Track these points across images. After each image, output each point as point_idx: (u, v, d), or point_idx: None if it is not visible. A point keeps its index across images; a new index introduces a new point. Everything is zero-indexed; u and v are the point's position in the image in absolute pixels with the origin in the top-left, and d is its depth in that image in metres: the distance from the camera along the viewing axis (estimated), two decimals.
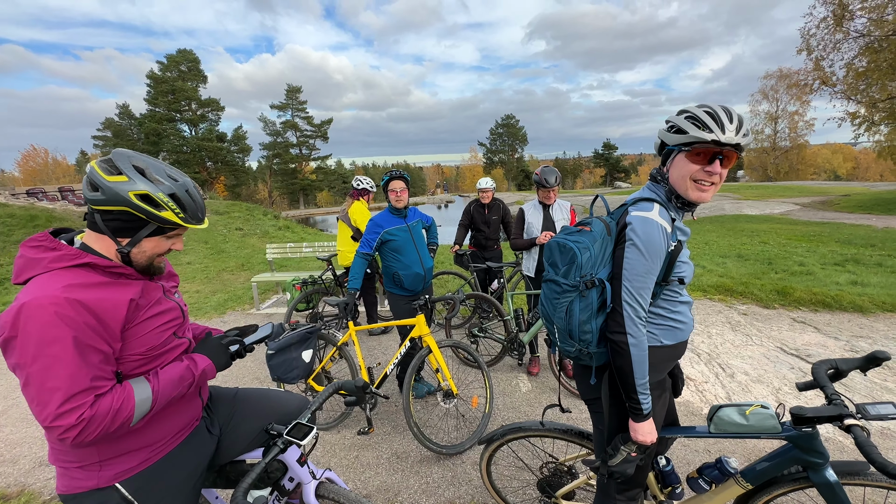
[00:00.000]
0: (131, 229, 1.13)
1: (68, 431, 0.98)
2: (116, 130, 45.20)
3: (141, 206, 1.09)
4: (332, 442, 2.90)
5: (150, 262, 1.19)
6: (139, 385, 1.12)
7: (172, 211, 1.13)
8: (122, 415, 1.06)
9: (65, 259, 1.07)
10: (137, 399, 1.09)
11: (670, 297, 1.37)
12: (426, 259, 3.20)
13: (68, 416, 0.98)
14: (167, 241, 1.21)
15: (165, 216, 1.13)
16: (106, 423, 1.03)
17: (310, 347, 2.81)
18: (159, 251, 1.20)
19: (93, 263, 1.09)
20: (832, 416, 1.20)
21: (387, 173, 3.14)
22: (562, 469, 1.98)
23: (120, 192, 1.07)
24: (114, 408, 1.04)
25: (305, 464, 1.38)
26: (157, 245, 1.18)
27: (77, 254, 1.08)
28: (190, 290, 7.64)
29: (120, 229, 1.12)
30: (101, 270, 1.10)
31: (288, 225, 16.21)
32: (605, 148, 67.64)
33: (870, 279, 5.76)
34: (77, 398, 0.99)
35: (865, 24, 14.46)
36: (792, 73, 37.58)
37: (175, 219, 1.14)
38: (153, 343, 1.17)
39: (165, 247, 1.21)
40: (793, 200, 18.35)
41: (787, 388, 3.26)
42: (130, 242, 1.14)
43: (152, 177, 1.12)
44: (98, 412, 1.02)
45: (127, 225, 1.12)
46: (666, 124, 1.34)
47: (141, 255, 1.17)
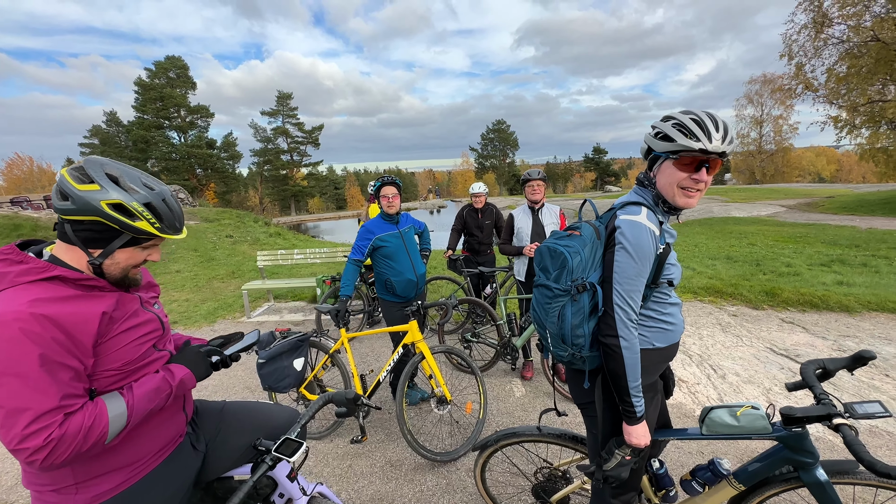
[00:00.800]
0: (103, 240, 1.08)
1: (36, 454, 0.93)
2: (104, 138, 44.61)
3: (114, 216, 1.04)
4: (324, 451, 2.86)
5: (124, 274, 1.14)
6: (112, 400, 1.06)
7: (147, 221, 1.08)
8: (95, 432, 1.00)
9: (32, 273, 1.02)
10: (111, 415, 1.04)
11: (660, 300, 1.38)
12: (418, 265, 3.19)
13: (35, 438, 0.92)
14: (142, 251, 1.15)
15: (140, 226, 1.08)
16: (77, 442, 0.97)
17: (301, 356, 2.79)
18: (134, 263, 1.14)
19: (62, 276, 1.03)
20: (821, 415, 1.21)
21: (378, 179, 3.12)
22: (556, 474, 1.97)
23: (91, 202, 1.02)
24: (85, 425, 0.98)
25: (296, 479, 1.35)
26: (131, 256, 1.13)
27: (45, 266, 1.03)
28: (179, 298, 7.53)
29: (91, 240, 1.07)
30: (72, 283, 1.05)
31: (279, 232, 16.11)
32: (595, 152, 68.41)
33: (855, 279, 5.87)
34: (44, 418, 0.94)
35: (844, 31, 14.85)
36: (776, 78, 38.52)
37: (150, 229, 1.09)
38: (129, 357, 1.12)
39: (141, 258, 1.16)
40: (779, 202, 18.70)
41: (778, 389, 3.29)
42: (103, 254, 1.08)
43: (126, 185, 1.07)
44: (68, 431, 0.96)
45: (99, 235, 1.07)
46: (652, 130, 1.35)
47: (114, 266, 1.11)
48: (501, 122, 66.84)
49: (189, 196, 21.26)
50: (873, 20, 13.78)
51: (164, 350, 1.25)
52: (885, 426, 2.77)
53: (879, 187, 24.28)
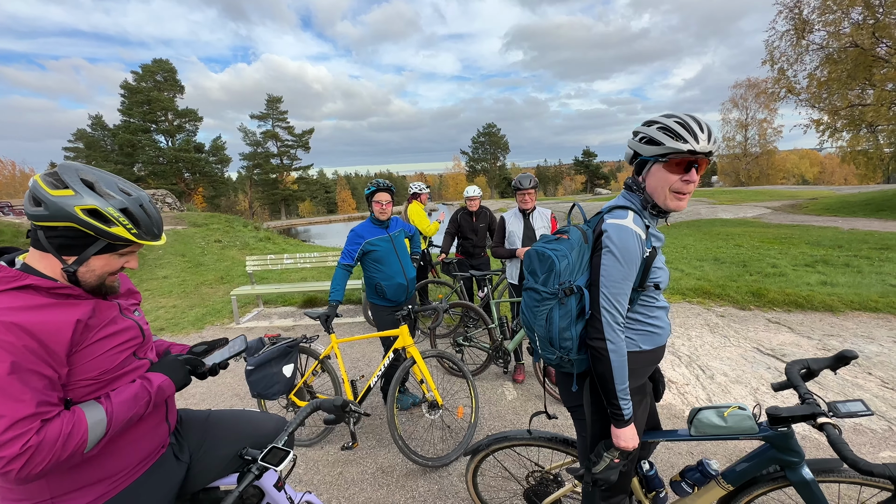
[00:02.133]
0: (78, 246, 1.05)
1: (12, 462, 0.90)
2: (89, 142, 43.80)
3: (88, 222, 1.01)
4: (315, 459, 2.82)
5: (100, 281, 1.11)
6: (90, 408, 1.04)
7: (124, 227, 1.06)
8: (74, 440, 0.97)
9: (2, 282, 0.99)
10: (90, 422, 1.01)
11: (647, 303, 1.39)
12: (409, 269, 3.17)
13: (11, 446, 0.90)
14: (119, 258, 1.12)
15: (116, 232, 1.05)
16: (56, 451, 0.94)
17: (291, 362, 2.75)
18: (110, 270, 1.12)
19: (34, 285, 1.01)
20: (805, 415, 1.23)
21: (372, 184, 3.08)
22: (548, 478, 1.97)
23: (64, 207, 0.99)
24: (63, 433, 0.95)
25: (283, 489, 1.33)
26: (107, 263, 1.10)
27: (16, 275, 1.00)
28: (167, 304, 7.41)
29: (65, 246, 1.04)
30: (44, 292, 1.02)
31: (269, 236, 15.95)
32: (584, 155, 69.08)
33: (838, 279, 5.99)
34: (20, 425, 0.91)
35: (824, 37, 15.25)
36: (760, 82, 39.34)
37: (127, 235, 1.07)
38: (107, 366, 1.09)
39: (117, 265, 1.13)
40: (764, 204, 19.06)
41: (765, 389, 3.34)
42: (77, 261, 1.06)
43: (102, 190, 1.05)
44: (45, 439, 0.93)
45: (73, 242, 1.04)
46: (635, 136, 1.37)
47: (89, 274, 1.08)
48: (492, 125, 67.19)
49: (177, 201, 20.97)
50: (851, 27, 14.16)
51: (144, 359, 1.22)
52: (868, 424, 2.82)
53: (861, 189, 24.90)
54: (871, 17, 13.71)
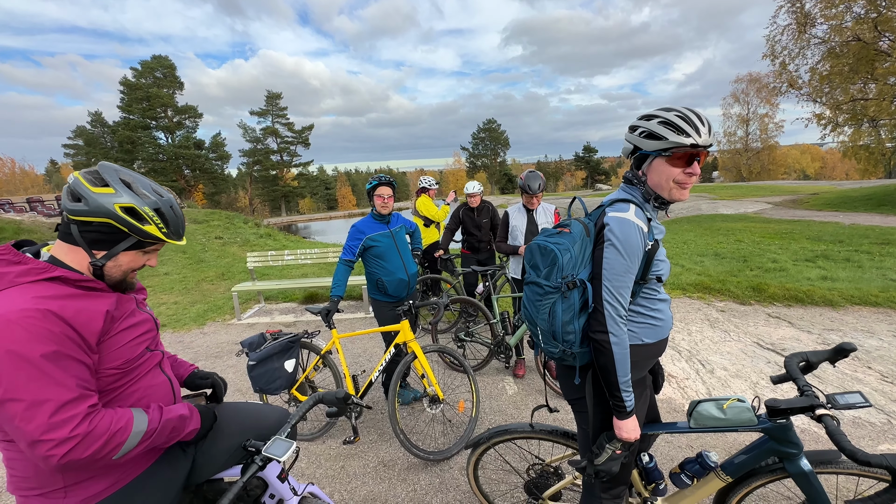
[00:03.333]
0: (109, 242, 1.10)
1: (59, 446, 0.93)
2: (88, 139, 43.75)
3: (125, 219, 1.07)
4: (316, 452, 2.84)
5: (123, 276, 1.16)
6: (138, 415, 1.10)
7: (156, 225, 1.12)
8: (116, 441, 1.02)
9: (32, 273, 1.02)
10: (134, 430, 1.06)
11: (649, 296, 1.39)
12: (410, 265, 3.17)
13: (60, 429, 0.93)
14: (143, 256, 1.18)
15: (148, 230, 1.11)
16: (100, 444, 0.98)
17: (292, 357, 2.77)
18: (135, 266, 1.17)
19: (63, 277, 1.04)
20: (804, 406, 1.24)
21: (374, 178, 3.07)
22: (548, 470, 1.99)
23: (105, 204, 1.05)
24: (111, 429, 1.00)
25: (286, 480, 1.34)
26: (133, 260, 1.16)
27: (45, 267, 1.04)
28: (168, 301, 7.42)
29: (97, 241, 1.09)
30: (72, 284, 1.06)
31: (269, 233, 15.95)
32: (585, 151, 68.96)
33: (838, 274, 6.00)
34: (68, 408, 0.95)
35: (826, 31, 15.14)
36: (761, 76, 39.14)
37: (158, 233, 1.13)
38: (128, 356, 1.13)
39: (141, 262, 1.18)
40: (765, 199, 19.01)
41: (765, 382, 3.35)
42: (107, 255, 1.11)
43: (139, 191, 1.11)
44: (96, 429, 0.98)
45: (105, 237, 1.09)
46: (633, 130, 1.36)
47: (116, 269, 1.14)
48: (492, 121, 66.96)
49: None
50: (853, 21, 14.07)
51: (156, 350, 1.27)
52: (868, 417, 2.84)
53: (862, 184, 24.82)
54: (873, 10, 13.61)
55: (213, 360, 4.59)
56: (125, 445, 1.04)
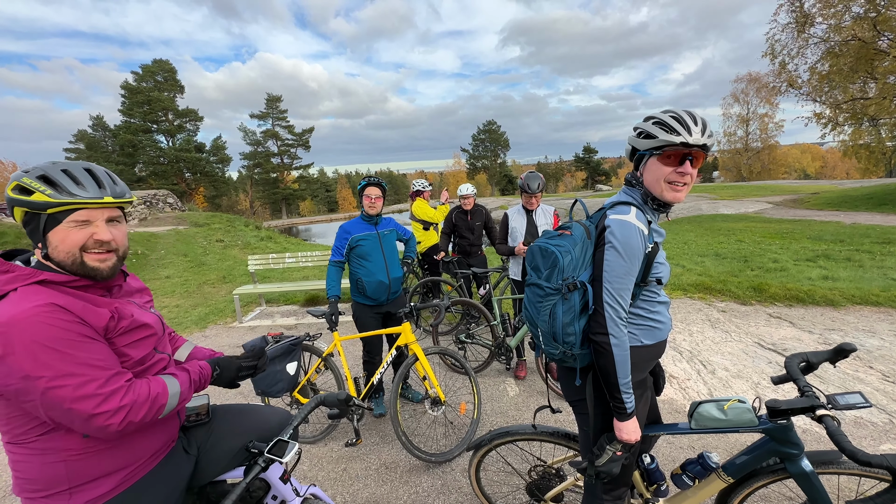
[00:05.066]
0: (35, 230, 1.08)
1: (114, 415, 1.00)
2: (90, 142, 43.83)
3: (15, 198, 1.05)
4: (319, 455, 2.85)
5: (72, 259, 1.07)
6: (169, 380, 1.17)
7: (39, 192, 1.04)
8: (159, 403, 1.09)
9: (19, 279, 1.03)
10: (171, 391, 1.14)
11: (649, 298, 1.40)
12: (393, 269, 3.12)
13: (111, 400, 1.00)
14: (77, 229, 1.07)
15: (36, 199, 1.04)
16: (146, 408, 1.06)
17: (294, 360, 2.77)
18: (72, 243, 1.07)
19: (48, 280, 1.05)
20: (804, 407, 1.25)
21: (364, 178, 3.10)
22: (550, 472, 1.99)
23: (6, 193, 1.07)
24: (152, 394, 1.08)
25: (289, 481, 1.35)
26: (64, 237, 1.06)
27: (31, 272, 1.04)
28: (170, 304, 7.44)
29: (31, 233, 1.09)
30: (60, 286, 1.07)
31: (270, 235, 15.97)
32: (585, 151, 68.92)
33: (839, 273, 5.99)
34: (112, 381, 1.02)
35: (825, 30, 15.16)
36: (761, 76, 39.10)
37: (44, 198, 1.04)
38: (134, 356, 1.15)
39: (79, 237, 1.07)
40: (766, 199, 18.98)
41: (766, 383, 3.35)
42: (40, 243, 1.08)
43: (30, 169, 1.08)
44: (139, 397, 1.05)
45: (30, 227, 1.08)
46: (634, 131, 1.38)
47: (55, 252, 1.07)
48: (492, 122, 67.00)
49: (178, 200, 20.99)
50: (853, 20, 14.08)
51: (163, 353, 1.27)
52: (869, 417, 2.83)
53: (862, 183, 24.76)
54: (872, 10, 13.61)
55: None
56: (167, 406, 1.13)
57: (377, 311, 3.12)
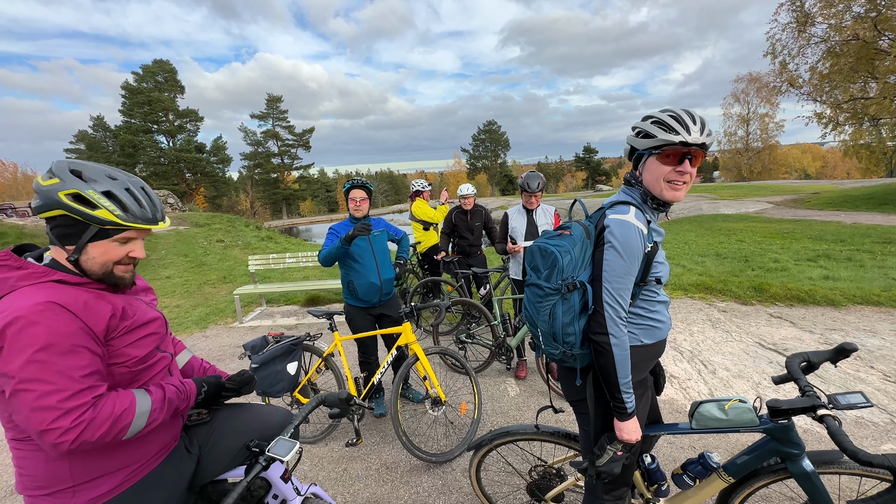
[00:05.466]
0: (74, 235, 1.08)
1: (66, 434, 0.96)
2: (90, 143, 43.92)
3: (74, 207, 1.04)
4: (319, 455, 2.85)
5: (103, 270, 1.11)
6: (141, 396, 1.11)
7: (107, 209, 1.06)
8: (122, 422, 1.04)
9: (32, 277, 1.04)
10: (138, 410, 1.08)
11: (648, 298, 1.40)
12: (385, 270, 3.10)
13: (66, 417, 0.96)
14: (120, 246, 1.12)
15: (100, 215, 1.06)
16: (106, 428, 1.01)
17: (295, 360, 2.77)
18: (110, 258, 1.11)
19: (63, 280, 1.06)
20: (805, 407, 1.24)
21: (348, 181, 3.08)
22: (550, 472, 1.99)
23: (51, 193, 1.04)
24: (115, 413, 1.03)
25: (290, 480, 1.35)
26: (106, 251, 1.10)
27: (45, 271, 1.05)
28: (170, 304, 7.44)
29: (66, 236, 1.08)
30: (73, 286, 1.07)
31: (270, 235, 15.98)
32: (585, 152, 68.91)
33: (840, 273, 5.98)
34: (76, 398, 0.98)
35: (826, 30, 15.14)
36: (761, 76, 39.07)
37: (112, 217, 1.07)
38: (137, 354, 1.15)
39: (118, 252, 1.12)
40: (766, 199, 18.96)
41: (767, 383, 3.35)
42: (76, 249, 1.08)
43: (87, 177, 1.08)
44: (99, 415, 1.00)
45: (71, 231, 1.07)
46: (633, 130, 1.39)
47: (90, 262, 1.09)
48: (493, 122, 66.99)
49: (178, 201, 21.04)
50: (853, 20, 14.06)
51: (165, 352, 1.28)
52: (870, 417, 2.83)
53: (863, 183, 24.72)
54: (872, 9, 13.61)
55: (216, 363, 4.60)
56: (132, 426, 1.07)
57: (370, 313, 3.11)
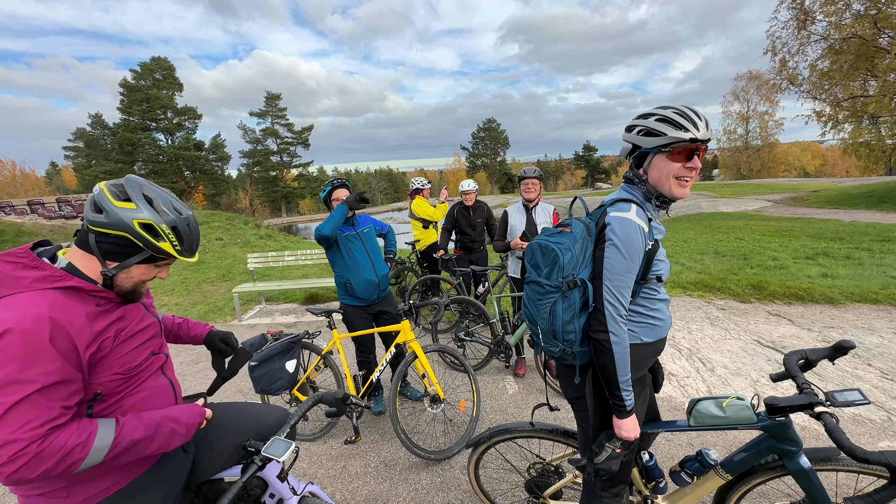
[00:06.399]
0: (123, 254, 1.12)
1: (4, 466, 0.90)
2: (89, 141, 43.84)
3: (141, 235, 1.09)
4: (318, 453, 2.85)
5: (133, 287, 1.18)
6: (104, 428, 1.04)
7: (171, 242, 1.14)
8: (72, 458, 0.97)
9: (48, 280, 1.03)
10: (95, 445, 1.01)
11: (649, 295, 1.40)
12: (380, 266, 3.09)
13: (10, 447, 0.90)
14: (155, 269, 1.20)
15: (163, 247, 1.13)
16: (51, 463, 0.94)
17: (293, 357, 2.77)
18: (146, 278, 1.19)
19: (78, 287, 1.06)
20: (803, 404, 1.24)
21: (328, 182, 3.05)
22: (549, 469, 1.99)
23: (125, 219, 1.07)
24: (66, 447, 0.95)
25: (286, 479, 1.35)
26: (145, 272, 1.18)
27: (62, 275, 1.05)
28: (169, 302, 7.44)
29: (111, 252, 1.11)
30: (86, 294, 1.08)
31: (270, 234, 15.95)
32: (585, 150, 68.89)
33: (839, 271, 5.99)
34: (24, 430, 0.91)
35: (826, 28, 15.13)
36: (761, 74, 39.07)
37: (171, 250, 1.15)
38: (133, 362, 1.16)
39: (152, 275, 1.21)
40: (766, 197, 18.99)
41: (765, 380, 3.35)
42: (119, 266, 1.12)
43: (159, 207, 1.13)
44: (47, 449, 0.93)
45: (120, 250, 1.11)
46: (630, 130, 1.38)
47: (127, 280, 1.15)
48: (492, 120, 66.95)
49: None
50: (853, 17, 14.04)
51: (160, 353, 1.29)
52: (868, 414, 2.84)
53: (862, 181, 24.77)
54: (872, 7, 13.59)
55: None
56: (85, 461, 0.99)
57: (368, 312, 3.10)
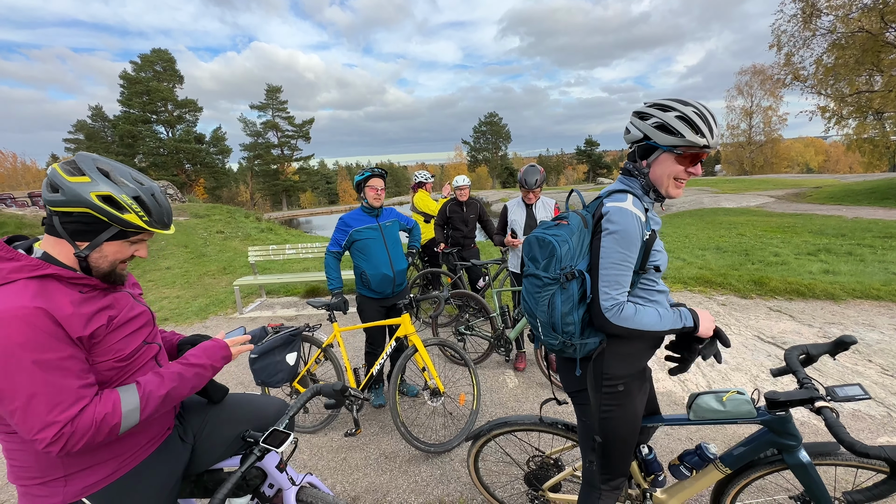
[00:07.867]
0: (91, 232, 1.08)
1: (51, 445, 0.96)
2: (89, 133, 43.68)
3: (102, 208, 1.05)
4: (318, 444, 2.86)
5: (111, 268, 1.14)
6: (126, 394, 1.09)
7: (136, 213, 1.10)
8: (108, 424, 1.03)
9: (25, 270, 1.01)
10: (125, 409, 1.06)
11: (647, 286, 1.39)
12: (398, 261, 3.08)
13: (49, 429, 0.95)
14: (130, 246, 1.16)
15: (128, 219, 1.09)
16: (90, 434, 1.00)
17: (294, 350, 2.77)
18: (121, 257, 1.15)
19: (56, 275, 1.04)
20: (803, 399, 1.24)
21: (367, 169, 3.04)
22: (548, 462, 2.00)
23: (81, 193, 1.03)
24: (96, 419, 1.01)
25: (285, 470, 1.35)
26: (119, 250, 1.13)
27: (38, 264, 1.03)
28: (170, 295, 7.45)
29: (79, 232, 1.07)
30: (66, 281, 1.06)
31: (270, 227, 15.96)
32: (587, 144, 68.60)
33: (840, 268, 5.97)
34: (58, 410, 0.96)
35: (832, 22, 14.94)
36: (765, 68, 38.71)
37: (139, 222, 1.10)
38: (126, 350, 1.14)
39: (128, 252, 1.16)
40: (768, 193, 18.88)
41: (765, 375, 3.35)
42: (90, 246, 1.09)
43: (116, 179, 1.09)
44: (80, 425, 0.98)
45: (87, 228, 1.07)
46: (643, 118, 1.33)
47: (102, 260, 1.11)
48: (493, 114, 66.57)
49: (178, 192, 20.99)
50: (860, 11, 13.87)
51: (153, 343, 1.26)
52: (867, 410, 2.84)
53: (866, 177, 24.63)
54: (880, 1, 13.42)
55: None
56: (123, 423, 1.06)
57: (382, 305, 3.09)
